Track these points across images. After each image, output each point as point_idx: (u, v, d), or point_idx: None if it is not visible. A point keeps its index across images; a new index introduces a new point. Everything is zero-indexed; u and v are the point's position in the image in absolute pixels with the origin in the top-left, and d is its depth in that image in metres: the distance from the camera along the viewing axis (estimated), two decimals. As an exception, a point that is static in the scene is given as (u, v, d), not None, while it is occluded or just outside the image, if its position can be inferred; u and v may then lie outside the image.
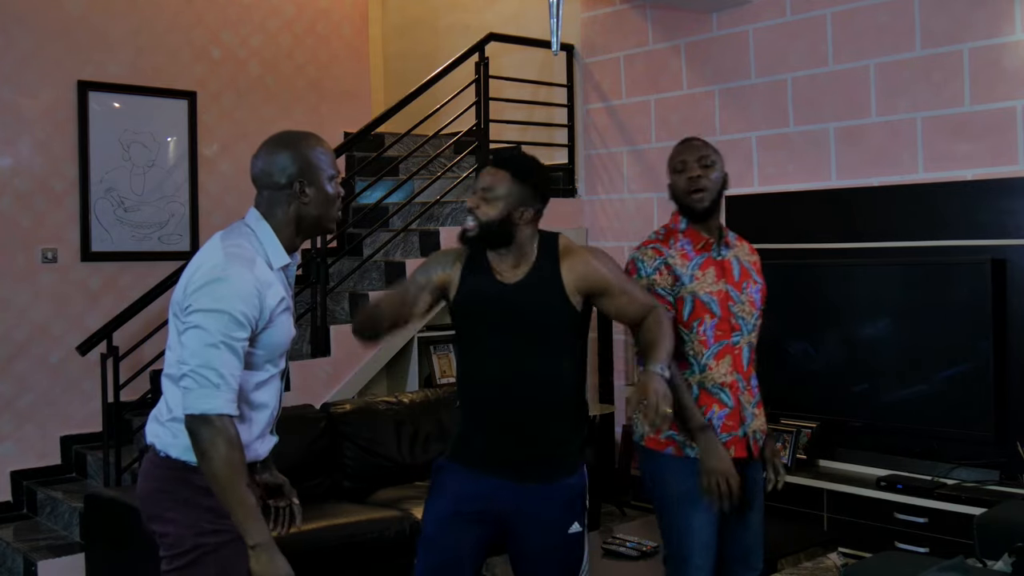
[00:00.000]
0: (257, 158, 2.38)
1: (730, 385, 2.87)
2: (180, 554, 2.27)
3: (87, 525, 4.39)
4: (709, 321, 2.86)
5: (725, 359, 2.87)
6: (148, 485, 2.35)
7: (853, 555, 4.25)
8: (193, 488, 2.27)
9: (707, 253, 2.91)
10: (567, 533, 2.64)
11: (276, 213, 2.36)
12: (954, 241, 4.50)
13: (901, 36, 4.81)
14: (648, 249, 2.92)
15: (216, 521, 2.26)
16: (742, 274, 2.95)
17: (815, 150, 5.18)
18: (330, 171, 2.38)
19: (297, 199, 2.34)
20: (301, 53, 6.53)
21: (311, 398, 5.07)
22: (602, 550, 3.82)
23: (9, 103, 5.41)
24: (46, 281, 5.49)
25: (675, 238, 2.93)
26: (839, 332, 4.87)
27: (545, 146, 6.47)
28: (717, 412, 2.85)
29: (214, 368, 2.18)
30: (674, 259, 2.88)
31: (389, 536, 4.16)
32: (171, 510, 2.29)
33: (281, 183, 2.33)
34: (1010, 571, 2.80)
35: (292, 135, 2.40)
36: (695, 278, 2.88)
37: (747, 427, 2.89)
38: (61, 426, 5.49)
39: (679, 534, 2.84)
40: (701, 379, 2.86)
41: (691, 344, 2.86)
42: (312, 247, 5.43)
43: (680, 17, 5.75)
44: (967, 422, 4.41)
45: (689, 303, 2.86)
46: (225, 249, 2.28)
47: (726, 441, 2.83)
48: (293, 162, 2.33)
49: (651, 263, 2.88)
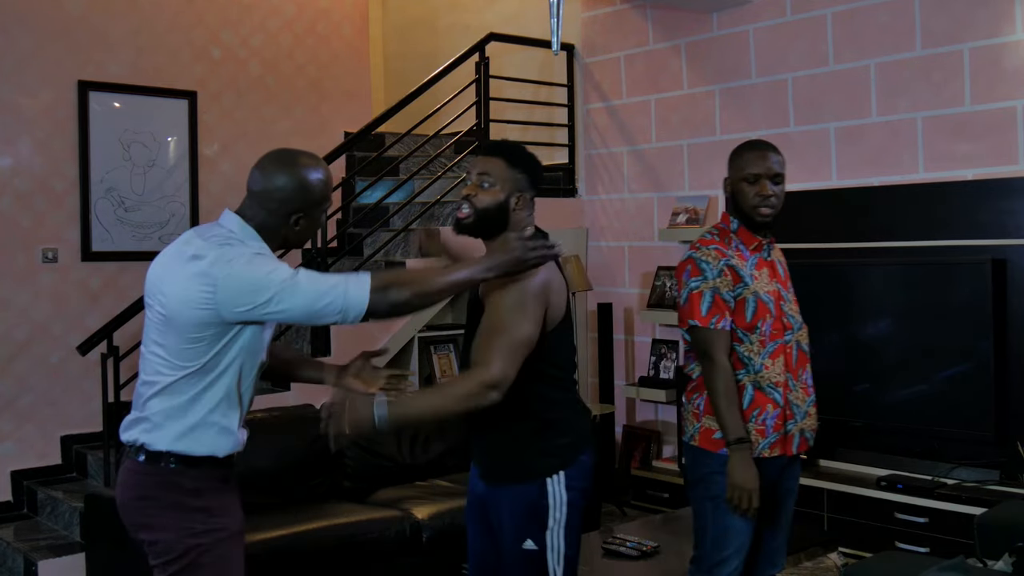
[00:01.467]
0: (261, 175, 2.33)
1: (783, 384, 2.86)
2: (174, 559, 2.25)
3: (87, 525, 4.39)
4: (767, 320, 2.86)
5: (779, 358, 2.86)
6: (130, 494, 2.32)
7: (853, 555, 4.25)
8: (182, 490, 2.25)
9: (759, 253, 2.92)
10: (520, 547, 2.51)
11: (268, 224, 2.34)
12: (954, 241, 4.50)
13: (901, 36, 4.81)
14: (711, 250, 2.88)
15: (208, 520, 2.25)
16: (786, 274, 3.01)
17: (815, 150, 5.18)
18: (326, 204, 2.40)
19: (291, 228, 2.35)
20: (301, 53, 6.53)
21: (311, 398, 5.07)
22: (602, 550, 3.81)
23: (9, 103, 5.41)
24: (46, 281, 5.49)
25: (729, 238, 2.92)
26: (839, 332, 4.87)
27: (545, 146, 6.46)
28: (771, 412, 2.84)
29: (316, 288, 2.19)
30: (735, 260, 2.88)
31: (389, 536, 4.15)
32: (159, 516, 2.26)
33: (279, 211, 2.32)
34: (1010, 571, 2.80)
35: (302, 161, 2.34)
36: (755, 278, 2.87)
37: (795, 424, 2.88)
38: (61, 426, 5.48)
39: (718, 535, 2.85)
40: (756, 379, 2.85)
41: (750, 345, 2.85)
42: (312, 247, 5.44)
43: (680, 17, 5.75)
44: (967, 422, 4.41)
45: (752, 303, 2.85)
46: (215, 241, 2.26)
47: (774, 441, 2.84)
48: (297, 195, 2.32)
49: (715, 264, 2.85)
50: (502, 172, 2.51)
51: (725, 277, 2.85)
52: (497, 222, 2.52)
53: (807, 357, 2.97)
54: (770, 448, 2.86)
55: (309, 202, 2.34)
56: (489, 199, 2.51)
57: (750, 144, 2.96)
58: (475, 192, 2.52)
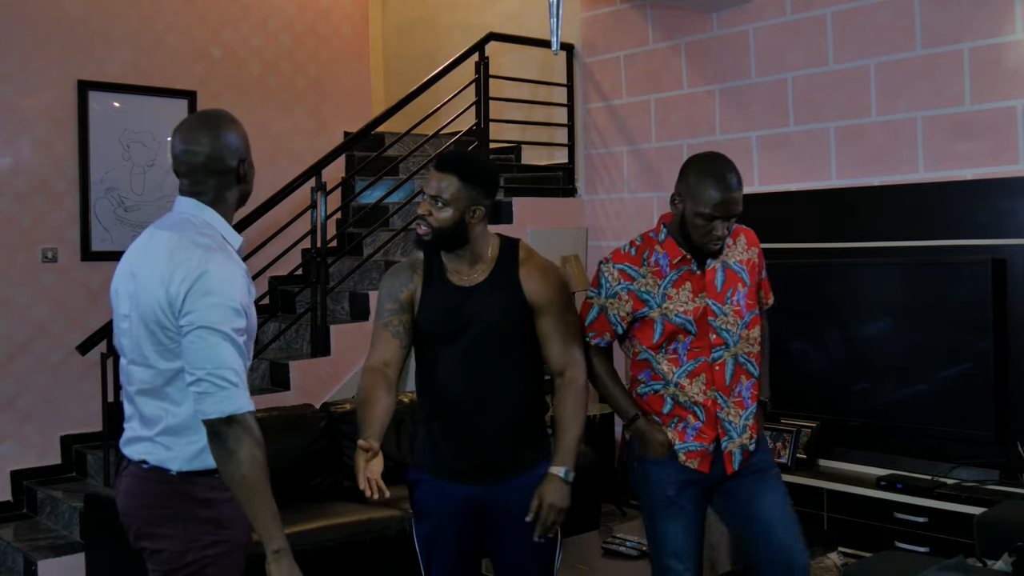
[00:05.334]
0: (199, 144, 2.26)
1: (703, 404, 2.75)
2: (177, 569, 2.20)
3: (87, 525, 4.39)
4: (683, 340, 2.73)
5: (700, 377, 2.74)
6: (135, 502, 2.26)
7: (853, 555, 4.25)
8: (192, 500, 2.20)
9: (685, 267, 2.74)
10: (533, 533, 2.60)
11: (226, 198, 2.30)
12: (954, 241, 4.50)
13: (901, 36, 4.81)
14: (616, 269, 2.78)
15: (216, 532, 2.20)
16: (727, 282, 2.76)
17: (815, 150, 5.18)
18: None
19: (243, 179, 2.31)
20: (301, 53, 6.53)
21: (311, 398, 5.07)
22: (602, 550, 3.82)
23: (9, 103, 5.41)
24: (46, 281, 5.49)
25: (651, 250, 2.78)
26: (839, 332, 4.86)
27: (545, 146, 6.48)
28: (692, 423, 2.78)
29: (230, 367, 2.10)
30: (645, 281, 2.75)
31: (389, 536, 4.16)
32: (166, 526, 2.20)
33: (232, 166, 2.28)
34: (1010, 571, 2.81)
35: (217, 115, 2.32)
36: (668, 297, 2.73)
37: (731, 442, 2.77)
38: (61, 426, 5.49)
39: (655, 540, 2.83)
40: (674, 393, 2.77)
41: (660, 364, 2.77)
42: (312, 247, 5.44)
43: (680, 16, 5.75)
44: (967, 422, 4.41)
45: (659, 326, 2.73)
46: (194, 241, 2.19)
47: (696, 451, 2.77)
48: (239, 139, 2.29)
49: (613, 286, 2.76)
50: (455, 190, 2.56)
51: (619, 300, 2.76)
52: (456, 237, 2.60)
53: (746, 371, 2.78)
54: (687, 455, 2.76)
55: (246, 141, 2.32)
56: (445, 217, 2.57)
57: (716, 177, 2.65)
58: (429, 212, 2.58)
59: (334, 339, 5.30)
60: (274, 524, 2.10)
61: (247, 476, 2.10)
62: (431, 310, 2.66)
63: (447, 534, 2.69)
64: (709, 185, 2.63)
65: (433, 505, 2.70)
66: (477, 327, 2.61)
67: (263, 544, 2.11)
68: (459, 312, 2.62)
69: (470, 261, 2.65)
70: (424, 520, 2.74)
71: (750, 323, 2.79)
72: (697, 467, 2.77)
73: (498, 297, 2.62)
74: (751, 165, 5.42)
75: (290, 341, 5.69)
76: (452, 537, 2.69)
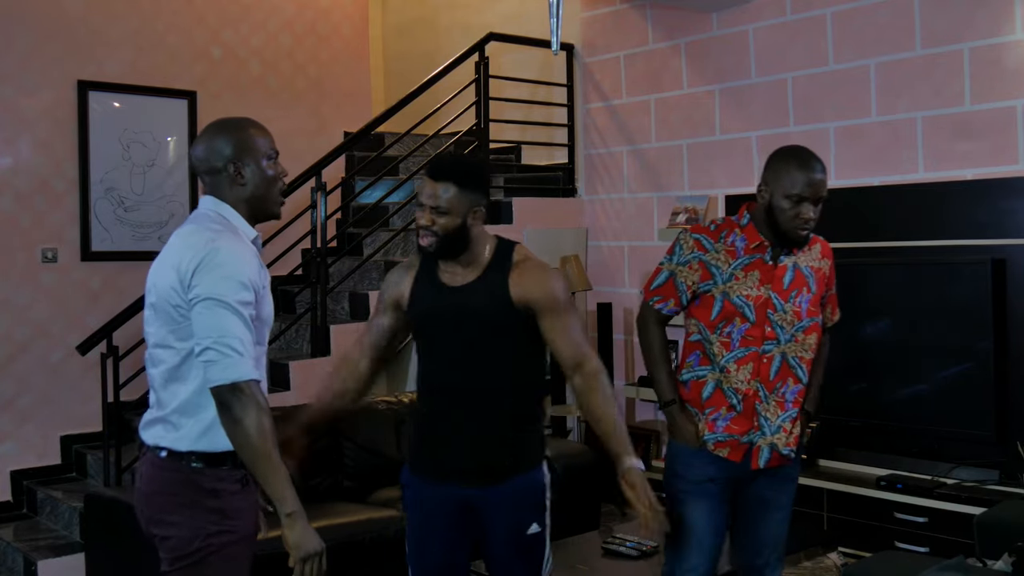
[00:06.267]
0: (196, 145, 2.41)
1: (744, 393, 2.80)
2: (183, 556, 2.26)
3: (87, 525, 4.39)
4: (740, 325, 2.78)
5: (747, 366, 2.79)
6: (150, 488, 2.34)
7: (853, 555, 4.25)
8: (200, 490, 2.27)
9: (759, 255, 2.80)
10: (526, 534, 2.64)
11: (225, 197, 2.39)
12: (954, 241, 4.50)
13: (901, 36, 4.81)
14: (692, 238, 2.85)
15: (221, 522, 2.26)
16: (794, 282, 2.82)
17: (815, 150, 5.10)
18: (266, 151, 2.43)
19: (235, 182, 2.37)
20: (301, 53, 6.53)
21: (311, 398, 5.05)
22: (602, 550, 3.81)
23: (9, 103, 5.41)
24: (46, 281, 5.49)
25: (731, 231, 2.84)
26: (839, 331, 4.85)
27: (545, 146, 6.48)
28: (724, 414, 2.82)
29: (236, 336, 2.18)
30: (717, 256, 2.81)
31: (389, 536, 4.15)
32: (175, 513, 2.27)
33: (219, 167, 2.37)
34: (1010, 571, 2.81)
35: (229, 121, 2.44)
36: (735, 277, 2.79)
37: (763, 438, 2.81)
38: (61, 426, 5.49)
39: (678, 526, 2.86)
40: (719, 378, 2.82)
41: (712, 345, 2.82)
42: (312, 247, 5.43)
43: (680, 16, 5.75)
44: (967, 422, 4.41)
45: (719, 303, 2.80)
46: (207, 227, 2.31)
47: (725, 440, 2.82)
48: (228, 145, 2.37)
49: (686, 253, 2.84)
50: (454, 197, 2.58)
51: (690, 269, 2.83)
52: (459, 242, 2.62)
53: (794, 373, 2.83)
54: (715, 445, 2.83)
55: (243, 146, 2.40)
56: (448, 224, 2.59)
57: (800, 160, 2.78)
58: (431, 222, 2.59)
59: (334, 339, 5.30)
60: (286, 487, 2.19)
61: (255, 443, 2.17)
62: (420, 309, 2.69)
63: (435, 536, 2.70)
64: (794, 167, 2.75)
65: (421, 506, 2.72)
66: (465, 328, 2.62)
67: (276, 509, 2.19)
68: (445, 312, 2.64)
69: (465, 262, 2.66)
70: (413, 520, 2.76)
71: (807, 328, 2.84)
72: (728, 456, 2.82)
73: (484, 299, 2.61)
74: (751, 165, 5.42)
75: (290, 341, 5.69)
76: (439, 539, 2.70)
